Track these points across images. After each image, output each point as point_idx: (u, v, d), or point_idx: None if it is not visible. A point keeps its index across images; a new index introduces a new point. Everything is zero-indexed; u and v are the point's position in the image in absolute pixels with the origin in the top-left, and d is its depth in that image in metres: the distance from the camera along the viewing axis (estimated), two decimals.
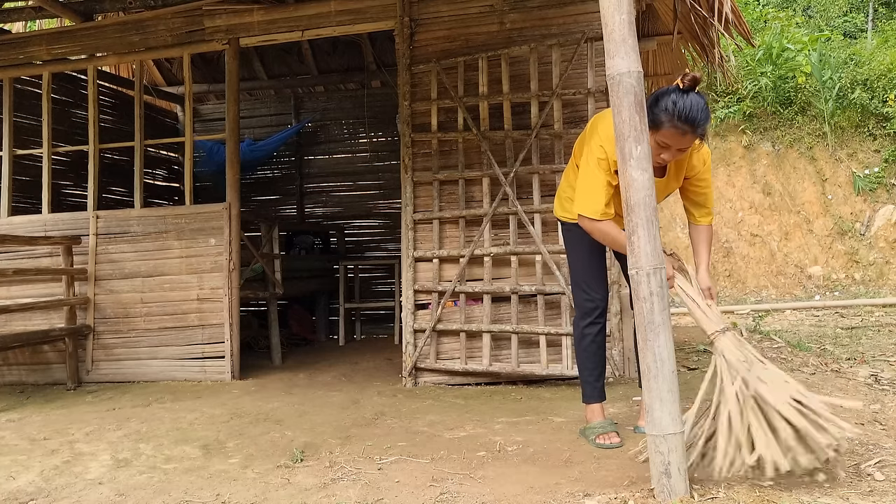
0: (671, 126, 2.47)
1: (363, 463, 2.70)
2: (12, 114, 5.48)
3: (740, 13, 4.37)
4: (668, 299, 2.16)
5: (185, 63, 5.22)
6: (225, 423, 3.48)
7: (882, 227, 9.46)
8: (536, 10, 4.44)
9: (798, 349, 5.04)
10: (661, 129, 2.49)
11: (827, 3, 14.42)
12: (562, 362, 4.13)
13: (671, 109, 2.45)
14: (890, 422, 2.93)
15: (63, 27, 5.55)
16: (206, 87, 7.80)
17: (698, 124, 2.45)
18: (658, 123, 2.48)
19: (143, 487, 2.55)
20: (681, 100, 2.44)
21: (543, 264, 4.21)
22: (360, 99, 7.86)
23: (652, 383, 2.11)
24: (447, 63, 4.51)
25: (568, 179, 3.00)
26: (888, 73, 9.86)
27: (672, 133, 2.48)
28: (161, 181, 7.85)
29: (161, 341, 4.96)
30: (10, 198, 5.40)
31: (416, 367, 4.43)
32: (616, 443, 2.79)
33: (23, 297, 5.05)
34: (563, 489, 2.28)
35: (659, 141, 2.52)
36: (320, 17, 4.85)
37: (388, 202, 7.78)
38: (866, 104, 9.86)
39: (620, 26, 2.21)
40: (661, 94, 2.52)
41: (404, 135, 4.59)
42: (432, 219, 4.49)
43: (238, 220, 4.94)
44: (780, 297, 9.25)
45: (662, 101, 2.48)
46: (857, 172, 9.77)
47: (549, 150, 4.33)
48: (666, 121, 2.47)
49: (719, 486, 2.17)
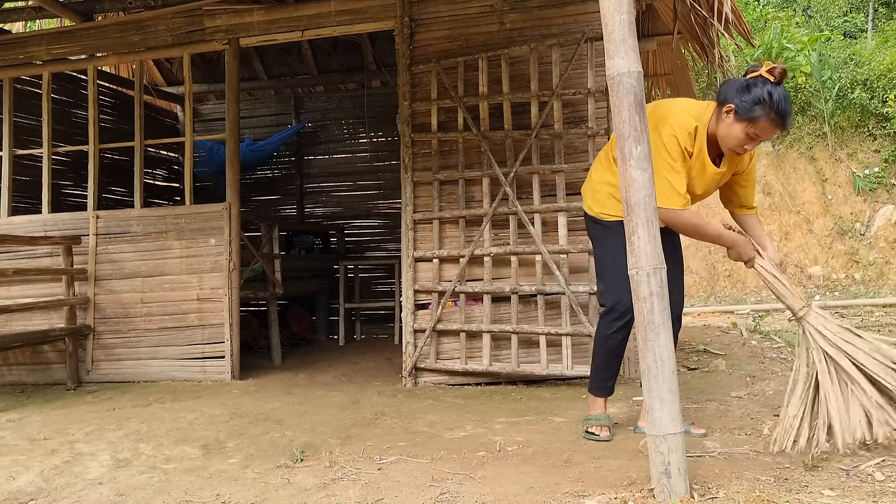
0: (767, 119, 2.46)
1: (363, 463, 2.70)
2: (12, 114, 5.48)
3: (740, 13, 4.38)
4: (668, 299, 2.16)
5: (185, 63, 5.22)
6: (225, 423, 3.48)
7: (882, 227, 9.46)
8: (536, 10, 4.44)
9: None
10: (756, 122, 2.48)
11: (827, 3, 14.42)
12: (562, 362, 4.13)
13: (768, 102, 2.44)
14: None
15: (63, 27, 5.55)
16: (206, 87, 7.80)
17: (789, 117, 2.49)
18: (753, 117, 2.47)
19: (143, 487, 2.55)
20: (776, 92, 2.44)
21: (543, 264, 4.21)
22: (360, 99, 7.86)
23: (652, 383, 2.11)
24: (447, 63, 4.51)
25: (602, 174, 2.82)
26: (888, 73, 9.86)
27: (767, 126, 2.48)
28: (161, 181, 7.85)
29: (161, 341, 4.96)
30: (10, 198, 5.40)
31: (416, 367, 4.43)
32: (606, 436, 2.83)
33: (23, 297, 5.05)
34: (562, 489, 2.28)
35: (750, 133, 2.51)
36: (320, 17, 4.85)
37: (388, 202, 7.78)
38: (866, 104, 9.86)
39: (620, 26, 2.21)
40: (752, 84, 2.49)
41: (404, 135, 4.59)
42: (432, 219, 4.49)
43: (238, 220, 4.94)
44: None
45: (755, 91, 2.46)
46: (857, 172, 9.77)
47: (549, 150, 4.33)
48: (763, 115, 2.46)
49: (719, 486, 2.17)
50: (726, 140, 2.59)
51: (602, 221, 2.83)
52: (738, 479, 2.24)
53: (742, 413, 3.15)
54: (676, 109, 2.63)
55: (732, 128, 2.55)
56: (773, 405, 3.29)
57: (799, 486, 2.16)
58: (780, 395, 3.47)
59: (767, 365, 4.45)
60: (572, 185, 4.25)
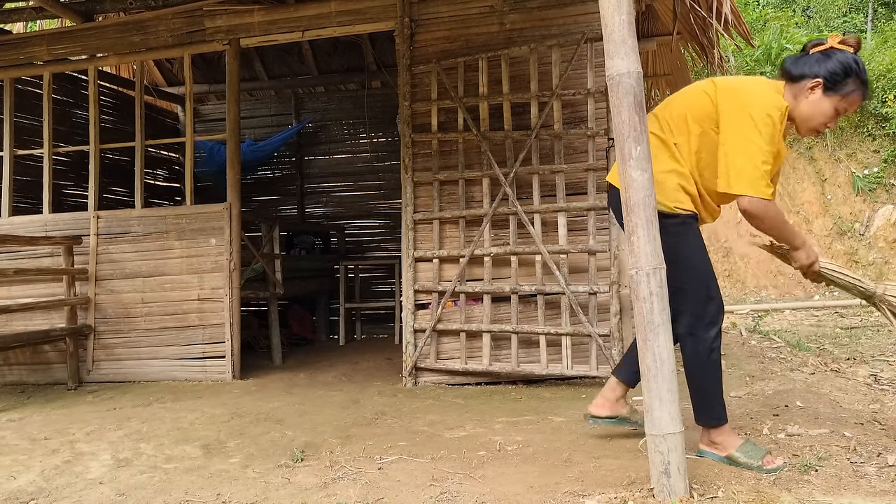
0: (858, 91, 2.34)
1: (363, 462, 2.71)
2: (13, 114, 5.48)
3: (740, 13, 4.39)
4: (667, 300, 2.16)
5: (186, 63, 5.23)
6: (225, 423, 3.49)
7: (881, 227, 9.47)
8: (536, 11, 4.44)
9: (798, 349, 5.05)
10: (848, 95, 2.34)
11: (826, 4, 14.43)
12: (562, 362, 4.13)
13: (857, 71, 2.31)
14: (889, 421, 2.94)
15: (64, 27, 5.55)
16: (206, 88, 7.81)
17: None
18: (847, 90, 2.33)
19: (144, 487, 2.55)
20: (860, 60, 2.34)
21: (543, 264, 4.22)
22: (360, 99, 7.86)
23: (651, 383, 2.12)
24: (447, 63, 4.51)
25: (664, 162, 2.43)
26: (888, 74, 9.88)
27: (856, 98, 2.36)
28: (162, 181, 7.86)
29: (162, 341, 4.97)
30: (10, 198, 5.41)
31: (417, 366, 4.44)
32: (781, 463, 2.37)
33: (24, 297, 5.06)
34: (562, 488, 2.28)
35: (840, 108, 2.36)
36: (321, 18, 4.86)
37: (388, 202, 7.78)
38: (866, 104, 9.87)
39: (620, 27, 2.21)
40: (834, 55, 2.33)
41: (404, 135, 4.60)
42: (432, 219, 4.50)
43: (239, 220, 4.95)
44: (779, 296, 9.26)
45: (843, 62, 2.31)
46: (856, 172, 9.78)
47: (549, 151, 4.34)
48: (854, 87, 2.32)
49: (718, 486, 2.18)
50: (812, 119, 2.38)
51: (680, 215, 2.42)
52: (738, 479, 2.25)
53: (741, 413, 3.15)
54: (762, 87, 2.39)
55: (821, 104, 2.35)
56: (772, 405, 3.29)
57: (799, 486, 2.17)
58: (779, 395, 3.48)
59: (767, 365, 4.45)
60: (572, 186, 4.26)
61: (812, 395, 3.49)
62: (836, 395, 3.54)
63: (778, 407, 3.24)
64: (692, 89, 2.51)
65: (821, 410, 3.15)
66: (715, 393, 2.44)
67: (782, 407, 3.24)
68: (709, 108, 2.38)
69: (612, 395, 2.76)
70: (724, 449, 2.43)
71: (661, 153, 2.43)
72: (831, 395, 3.54)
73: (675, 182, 2.41)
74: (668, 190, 2.40)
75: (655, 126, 2.46)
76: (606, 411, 2.75)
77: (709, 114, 2.38)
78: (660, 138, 2.44)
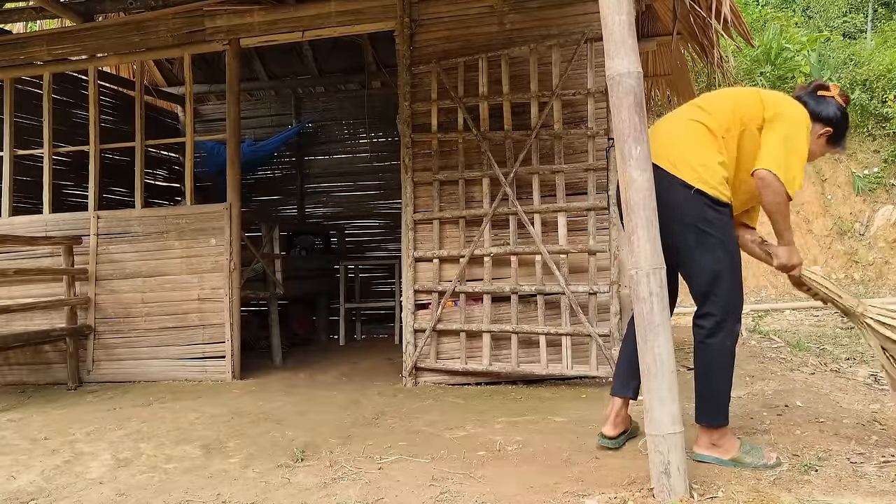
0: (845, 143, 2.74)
1: (363, 462, 2.71)
2: (13, 114, 5.48)
3: (739, 13, 4.39)
4: (667, 300, 2.17)
5: (186, 63, 5.23)
6: (225, 423, 3.49)
7: (881, 228, 9.47)
8: (536, 11, 4.44)
9: (797, 349, 5.05)
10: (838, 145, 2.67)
11: (826, 4, 14.43)
12: (561, 362, 4.13)
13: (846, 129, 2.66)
14: (889, 421, 2.94)
15: (64, 28, 5.56)
16: (206, 88, 7.80)
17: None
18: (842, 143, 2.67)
19: (144, 487, 2.55)
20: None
21: (543, 264, 4.22)
22: (360, 99, 7.86)
23: (651, 383, 2.12)
24: (447, 64, 4.51)
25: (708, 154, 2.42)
26: (887, 74, 9.88)
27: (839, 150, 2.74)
28: (162, 181, 7.85)
29: (162, 341, 4.97)
30: (10, 198, 5.41)
31: (417, 366, 4.44)
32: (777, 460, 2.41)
33: (24, 297, 5.06)
34: (562, 488, 2.28)
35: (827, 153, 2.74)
36: (321, 18, 4.86)
37: (388, 202, 7.78)
38: (866, 104, 9.87)
39: (620, 27, 2.21)
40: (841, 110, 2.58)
41: (404, 135, 4.60)
42: (432, 219, 4.50)
43: (239, 221, 4.95)
44: (779, 296, 9.25)
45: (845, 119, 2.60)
46: (856, 172, 9.77)
47: (549, 151, 4.34)
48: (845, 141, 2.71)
49: (718, 486, 2.18)
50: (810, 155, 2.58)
51: (730, 204, 2.43)
52: (738, 479, 2.25)
53: (741, 413, 3.15)
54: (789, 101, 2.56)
55: (822, 148, 2.62)
56: (772, 405, 3.30)
57: (799, 486, 2.17)
58: (779, 395, 3.48)
59: (767, 365, 4.45)
60: (572, 186, 4.26)
61: (812, 395, 3.50)
62: (836, 395, 3.54)
63: (778, 407, 3.24)
64: (743, 90, 2.66)
65: (821, 410, 3.15)
66: (726, 391, 2.43)
67: (782, 407, 3.24)
68: (758, 110, 2.47)
69: (619, 414, 2.74)
70: (727, 452, 2.41)
71: (711, 143, 2.44)
72: (831, 395, 3.54)
73: (722, 174, 2.42)
74: (720, 179, 2.41)
75: (702, 116, 2.49)
76: (619, 429, 2.74)
77: (757, 114, 2.46)
78: (709, 129, 2.46)
